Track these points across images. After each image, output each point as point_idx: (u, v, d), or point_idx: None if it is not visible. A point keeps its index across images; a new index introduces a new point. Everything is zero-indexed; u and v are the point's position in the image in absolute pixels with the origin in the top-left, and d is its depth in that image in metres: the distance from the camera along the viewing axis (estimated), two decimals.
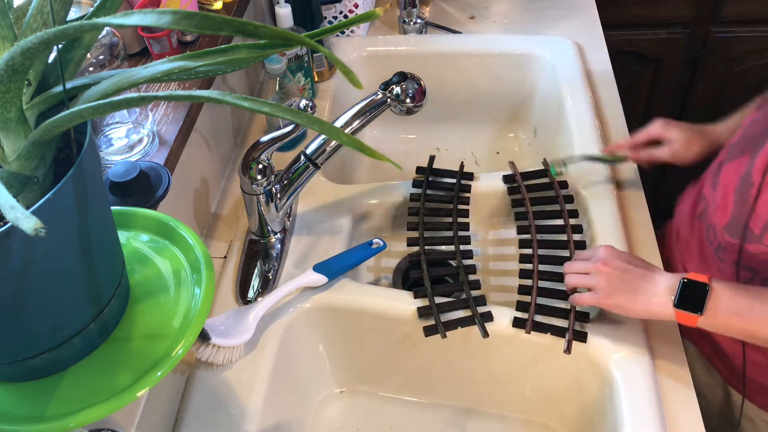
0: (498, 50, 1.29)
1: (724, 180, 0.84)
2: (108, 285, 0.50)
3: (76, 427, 0.46)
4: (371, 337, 0.91)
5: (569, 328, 0.81)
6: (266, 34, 0.33)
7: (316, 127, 0.37)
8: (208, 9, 1.05)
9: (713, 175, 0.88)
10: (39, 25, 0.42)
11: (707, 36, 1.65)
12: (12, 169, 0.41)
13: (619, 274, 0.75)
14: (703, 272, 0.75)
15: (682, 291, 0.71)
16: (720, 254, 0.84)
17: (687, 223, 0.94)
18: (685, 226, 0.94)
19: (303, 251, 0.95)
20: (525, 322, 0.83)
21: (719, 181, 0.85)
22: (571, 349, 0.80)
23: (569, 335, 0.81)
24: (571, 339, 0.80)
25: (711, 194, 0.87)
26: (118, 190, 0.73)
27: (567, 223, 0.94)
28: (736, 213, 0.81)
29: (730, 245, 0.82)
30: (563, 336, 0.81)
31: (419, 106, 0.88)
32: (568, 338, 0.81)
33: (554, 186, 0.99)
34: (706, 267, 0.88)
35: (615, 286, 0.75)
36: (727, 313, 0.69)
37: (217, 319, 0.82)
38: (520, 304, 0.85)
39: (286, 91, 1.08)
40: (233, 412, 0.78)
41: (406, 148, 1.36)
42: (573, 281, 0.80)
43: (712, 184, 0.87)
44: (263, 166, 0.86)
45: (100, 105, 0.38)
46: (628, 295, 0.74)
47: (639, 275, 0.75)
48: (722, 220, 0.83)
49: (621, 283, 0.75)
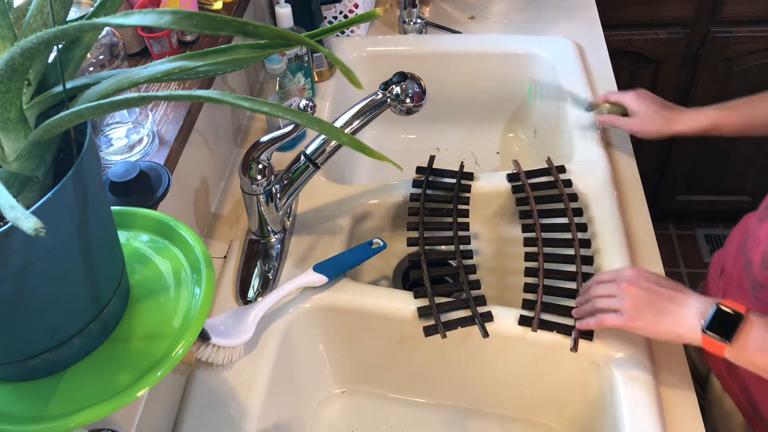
0: (498, 50, 1.29)
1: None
2: (108, 285, 0.50)
3: (76, 427, 0.46)
4: (371, 337, 0.91)
5: (575, 326, 0.81)
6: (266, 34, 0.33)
7: (316, 127, 0.37)
8: (208, 9, 1.05)
9: (764, 208, 0.82)
10: (39, 25, 0.42)
11: (707, 36, 1.65)
12: (12, 169, 0.41)
13: (647, 295, 0.73)
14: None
15: (714, 317, 0.68)
16: (757, 293, 0.79)
17: (732, 255, 0.89)
18: (730, 258, 0.89)
19: (303, 251, 0.95)
20: (531, 320, 0.83)
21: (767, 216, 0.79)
22: (578, 347, 0.80)
23: (576, 333, 0.81)
24: (578, 337, 0.80)
25: (755, 226, 0.82)
26: (118, 190, 0.73)
27: (572, 222, 0.94)
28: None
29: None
30: (569, 334, 0.81)
31: (419, 106, 0.88)
32: (575, 336, 0.80)
33: (558, 184, 0.99)
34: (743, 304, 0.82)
35: (642, 308, 0.72)
36: (755, 348, 0.66)
37: (217, 319, 0.82)
38: (526, 302, 0.85)
39: (286, 91, 1.08)
40: (233, 412, 0.78)
41: (406, 148, 1.36)
42: (600, 304, 0.76)
43: (760, 216, 0.82)
44: (263, 166, 0.86)
45: (100, 105, 0.38)
46: (655, 318, 0.71)
47: (668, 297, 0.72)
48: (760, 255, 0.78)
49: (648, 305, 0.72)
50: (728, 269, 0.89)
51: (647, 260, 0.92)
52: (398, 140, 1.37)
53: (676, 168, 1.89)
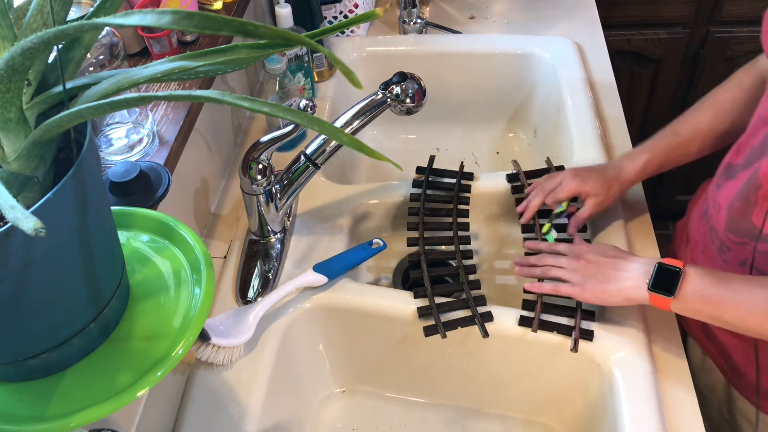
0: (498, 50, 1.29)
1: (730, 181, 0.84)
2: (108, 285, 0.50)
3: (76, 427, 0.46)
4: (371, 337, 0.91)
5: (576, 327, 0.81)
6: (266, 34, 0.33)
7: (316, 127, 0.37)
8: (208, 9, 1.05)
9: (719, 175, 0.88)
10: (39, 25, 0.42)
11: (707, 36, 1.65)
12: (12, 169, 0.41)
13: (593, 267, 0.79)
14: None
15: (656, 275, 0.73)
16: (724, 255, 0.84)
17: (695, 223, 0.94)
18: (693, 226, 0.95)
19: (303, 251, 0.95)
20: (531, 320, 0.83)
21: (724, 182, 0.85)
22: (578, 348, 0.80)
23: (576, 333, 0.81)
24: (578, 337, 0.81)
25: (714, 194, 0.87)
26: (118, 190, 0.73)
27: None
28: (740, 213, 0.80)
29: (736, 245, 0.81)
30: (569, 334, 0.82)
31: (419, 106, 0.88)
32: (575, 336, 0.81)
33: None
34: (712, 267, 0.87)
35: (589, 278, 0.79)
36: (693, 297, 0.72)
37: (217, 319, 0.82)
38: (526, 302, 0.85)
39: (286, 91, 1.08)
40: (233, 412, 0.78)
41: (406, 148, 1.36)
42: (552, 273, 0.83)
43: (717, 184, 0.87)
44: (263, 166, 0.86)
45: (100, 105, 0.38)
46: (601, 285, 0.78)
47: (611, 265, 0.78)
48: (724, 220, 0.83)
49: (594, 275, 0.79)
50: (692, 236, 0.94)
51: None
52: (398, 140, 1.37)
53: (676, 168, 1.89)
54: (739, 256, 0.81)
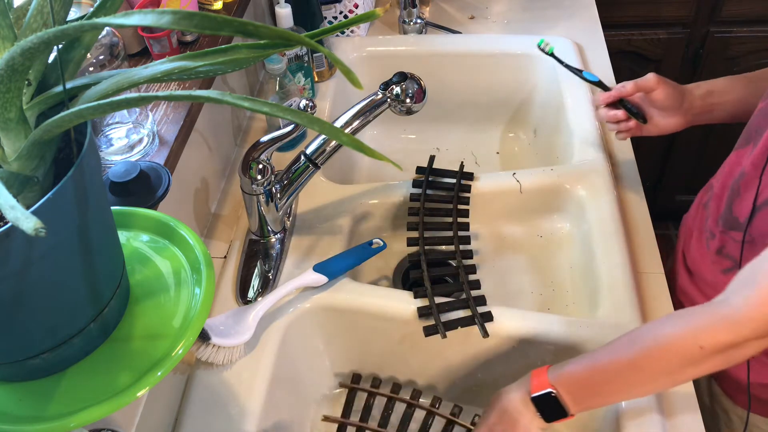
0: (498, 50, 1.29)
1: (727, 169, 0.85)
2: (108, 285, 0.50)
3: (76, 427, 0.46)
4: (371, 337, 0.91)
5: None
6: (266, 34, 0.33)
7: (316, 127, 0.37)
8: (208, 9, 1.05)
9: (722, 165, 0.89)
10: (39, 25, 0.42)
11: (707, 36, 1.65)
12: (12, 169, 0.41)
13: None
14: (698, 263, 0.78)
15: (538, 408, 0.71)
16: (709, 242, 0.85)
17: (694, 211, 0.95)
18: (692, 213, 0.96)
19: (303, 251, 0.95)
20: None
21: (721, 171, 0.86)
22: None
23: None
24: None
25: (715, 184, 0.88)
26: (118, 190, 0.73)
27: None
28: (728, 203, 0.82)
29: (720, 233, 0.83)
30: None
31: (419, 106, 0.88)
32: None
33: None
34: (701, 256, 0.89)
35: None
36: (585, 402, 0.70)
37: (217, 319, 0.82)
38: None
39: (286, 91, 1.08)
40: (233, 412, 0.78)
41: (406, 148, 1.36)
42: None
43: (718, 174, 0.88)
44: (263, 166, 0.86)
45: (100, 105, 0.38)
46: None
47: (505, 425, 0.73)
48: (718, 209, 0.84)
49: None
50: (689, 223, 0.95)
51: (647, 260, 0.92)
52: (398, 140, 1.37)
53: (676, 168, 1.89)
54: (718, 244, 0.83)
